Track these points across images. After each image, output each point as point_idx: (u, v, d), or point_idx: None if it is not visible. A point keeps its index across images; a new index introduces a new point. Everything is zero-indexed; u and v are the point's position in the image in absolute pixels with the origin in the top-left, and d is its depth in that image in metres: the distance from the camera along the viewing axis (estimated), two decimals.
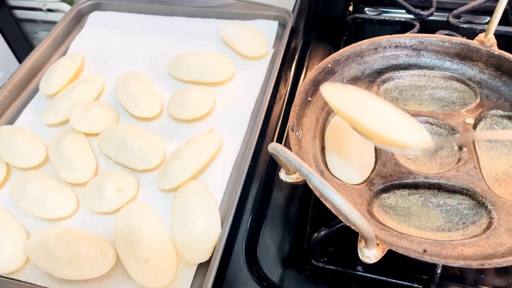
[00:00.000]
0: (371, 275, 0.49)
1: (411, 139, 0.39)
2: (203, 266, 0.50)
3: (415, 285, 0.47)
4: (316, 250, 0.50)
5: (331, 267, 0.50)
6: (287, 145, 0.55)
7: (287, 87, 0.69)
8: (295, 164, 0.34)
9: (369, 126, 0.40)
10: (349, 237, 0.50)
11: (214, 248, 0.50)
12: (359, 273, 0.49)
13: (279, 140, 0.63)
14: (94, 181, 0.58)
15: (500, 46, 0.56)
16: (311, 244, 0.49)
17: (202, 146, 0.59)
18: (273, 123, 0.65)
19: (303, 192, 0.57)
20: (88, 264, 0.49)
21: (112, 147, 0.61)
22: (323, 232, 0.48)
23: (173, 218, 0.53)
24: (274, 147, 0.36)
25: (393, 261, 0.46)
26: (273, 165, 0.60)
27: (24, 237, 0.53)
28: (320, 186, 0.32)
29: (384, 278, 0.49)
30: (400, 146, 0.40)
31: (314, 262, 0.50)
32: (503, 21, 0.57)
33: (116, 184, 0.56)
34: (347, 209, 0.32)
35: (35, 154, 0.61)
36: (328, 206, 0.42)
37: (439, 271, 0.45)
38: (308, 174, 0.33)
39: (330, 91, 0.44)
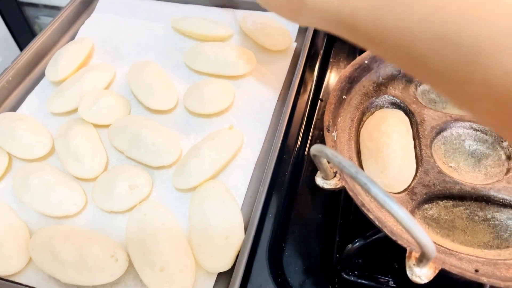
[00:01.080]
0: None
1: None
2: (223, 276, 0.46)
3: None
4: (349, 263, 0.46)
5: (362, 281, 0.46)
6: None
7: (312, 84, 0.65)
8: (350, 170, 0.29)
9: None
10: (381, 250, 0.47)
11: (237, 256, 0.45)
12: None
13: (304, 141, 0.59)
14: (104, 177, 0.53)
15: None
16: (344, 256, 0.45)
17: (222, 144, 0.54)
18: (296, 122, 0.61)
19: (329, 198, 0.53)
20: (98, 269, 0.44)
21: (124, 140, 0.56)
22: (357, 243, 0.44)
23: (191, 222, 0.49)
24: (322, 150, 0.32)
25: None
26: (298, 168, 0.56)
27: (26, 235, 0.49)
28: (382, 197, 0.28)
29: None
30: None
31: (344, 275, 0.46)
32: None
33: (128, 181, 0.52)
34: (412, 224, 0.28)
35: (40, 145, 0.57)
36: (371, 217, 0.38)
37: None
38: (367, 183, 0.28)
39: None
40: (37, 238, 0.47)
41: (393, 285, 0.46)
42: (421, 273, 0.35)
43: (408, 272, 0.35)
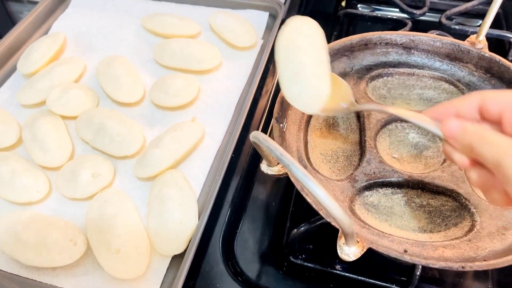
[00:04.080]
0: (350, 275, 0.48)
1: None
2: (177, 259, 0.48)
3: (394, 286, 0.46)
4: (295, 246, 0.49)
5: (309, 264, 0.49)
6: (271, 137, 0.54)
7: (274, 80, 0.68)
8: (276, 153, 0.32)
9: None
10: (329, 235, 0.49)
11: (190, 240, 0.48)
12: (338, 272, 0.48)
13: (264, 133, 0.61)
14: (68, 166, 0.56)
15: (491, 50, 0.55)
16: (290, 240, 0.47)
17: (183, 135, 0.57)
18: (258, 115, 0.63)
19: (284, 187, 0.56)
20: (56, 251, 0.47)
21: (90, 131, 0.58)
22: (303, 228, 0.46)
23: (149, 208, 0.51)
24: (256, 136, 0.35)
25: (372, 261, 0.45)
26: (256, 158, 0.58)
27: None
28: (301, 176, 0.31)
29: (362, 278, 0.47)
30: None
31: (292, 258, 0.49)
32: (495, 25, 0.57)
33: (91, 170, 0.54)
34: (328, 201, 0.31)
35: (8, 135, 0.59)
36: (309, 200, 0.41)
37: (418, 273, 0.44)
38: (289, 164, 0.31)
39: None
40: (1, 223, 0.49)
41: (339, 268, 0.48)
42: (349, 252, 0.38)
43: (339, 251, 0.38)
